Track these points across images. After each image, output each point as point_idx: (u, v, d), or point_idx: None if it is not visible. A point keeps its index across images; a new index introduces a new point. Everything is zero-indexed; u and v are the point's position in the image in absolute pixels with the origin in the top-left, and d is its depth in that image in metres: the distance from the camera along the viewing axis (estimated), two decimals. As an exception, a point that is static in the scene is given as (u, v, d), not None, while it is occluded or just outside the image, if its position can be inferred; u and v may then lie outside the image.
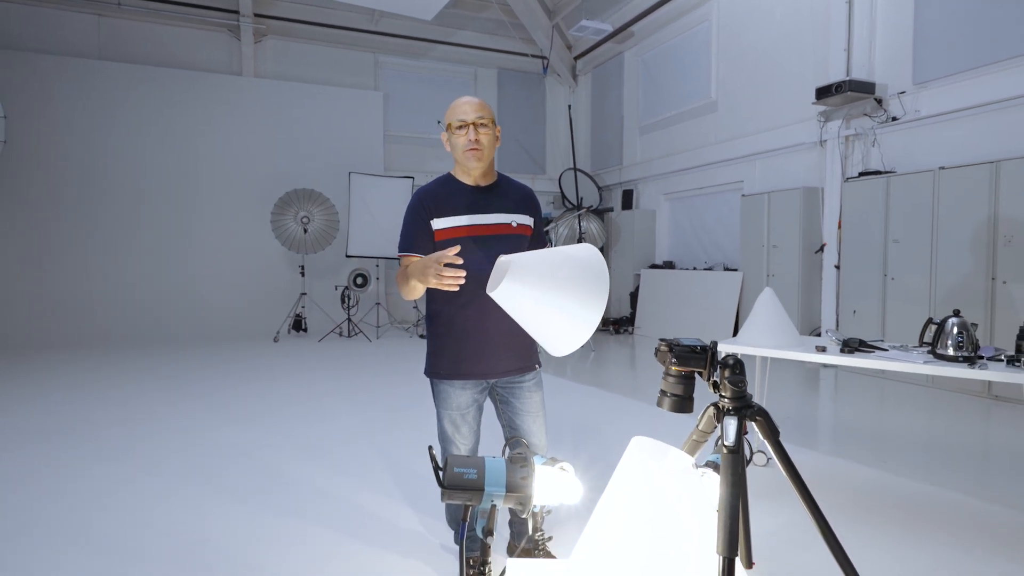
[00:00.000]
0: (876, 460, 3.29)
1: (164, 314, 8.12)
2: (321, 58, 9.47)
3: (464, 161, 1.82)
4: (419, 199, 1.86)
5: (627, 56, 9.72)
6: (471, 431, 1.93)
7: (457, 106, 1.83)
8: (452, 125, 1.81)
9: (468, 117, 1.79)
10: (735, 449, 1.13)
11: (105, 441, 3.59)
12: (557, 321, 1.57)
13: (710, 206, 8.31)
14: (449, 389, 1.88)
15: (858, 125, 5.90)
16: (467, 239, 1.79)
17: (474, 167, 1.82)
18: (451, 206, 1.82)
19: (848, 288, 5.85)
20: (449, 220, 1.81)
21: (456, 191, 1.85)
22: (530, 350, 1.92)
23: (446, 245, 1.75)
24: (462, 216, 1.81)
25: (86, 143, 7.99)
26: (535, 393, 1.94)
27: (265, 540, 2.36)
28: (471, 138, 1.78)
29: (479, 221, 1.82)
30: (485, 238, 1.81)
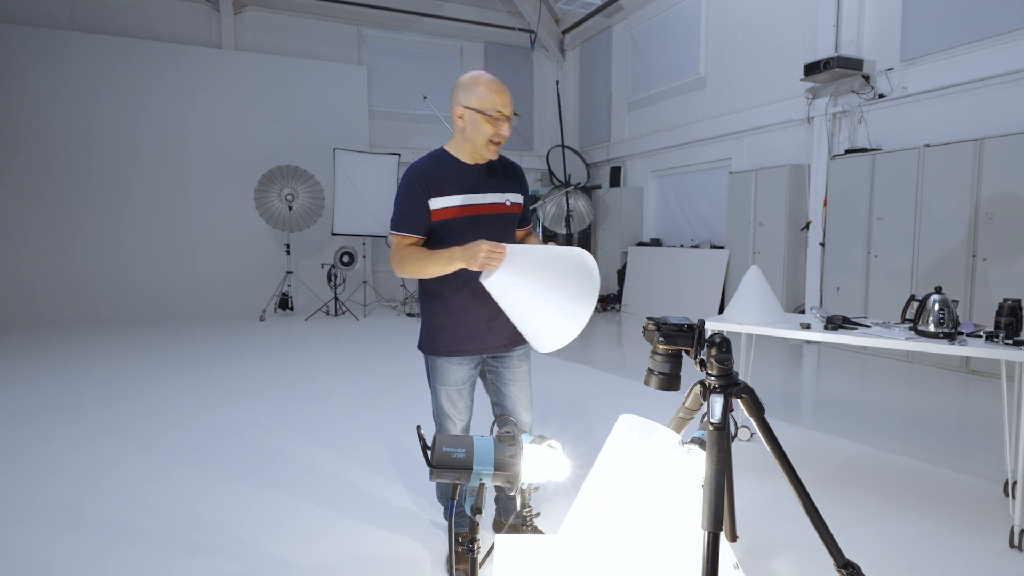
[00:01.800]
0: (857, 434, 3.36)
1: (147, 293, 8.01)
2: (303, 31, 9.25)
3: (482, 149, 1.78)
4: (416, 177, 1.79)
5: (615, 30, 9.59)
6: (466, 406, 1.96)
7: (496, 93, 1.73)
8: (485, 111, 1.71)
9: (507, 110, 1.74)
10: (721, 426, 1.14)
11: (93, 420, 3.57)
12: (543, 318, 1.63)
13: (697, 184, 8.31)
14: (447, 365, 1.89)
15: (845, 102, 5.90)
16: (465, 219, 1.79)
17: (489, 157, 1.80)
18: (449, 185, 1.79)
19: (832, 265, 5.91)
20: (447, 200, 1.78)
21: (452, 169, 1.81)
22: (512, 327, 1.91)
23: (443, 224, 1.78)
24: (459, 196, 1.79)
25: (59, 118, 7.78)
26: (523, 363, 1.99)
27: (256, 517, 2.37)
28: (503, 133, 1.75)
29: (476, 200, 1.80)
30: (481, 218, 1.81)
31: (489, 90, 1.72)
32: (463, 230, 1.77)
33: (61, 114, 7.78)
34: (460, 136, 1.80)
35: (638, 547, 1.24)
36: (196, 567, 2.01)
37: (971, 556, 2.06)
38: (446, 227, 1.79)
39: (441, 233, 1.79)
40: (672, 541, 1.24)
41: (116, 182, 8.04)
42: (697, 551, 1.16)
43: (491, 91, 1.72)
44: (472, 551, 1.11)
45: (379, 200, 8.45)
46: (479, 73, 1.78)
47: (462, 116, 1.75)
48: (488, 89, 1.73)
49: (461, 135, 1.79)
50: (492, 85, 1.74)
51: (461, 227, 1.78)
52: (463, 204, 1.79)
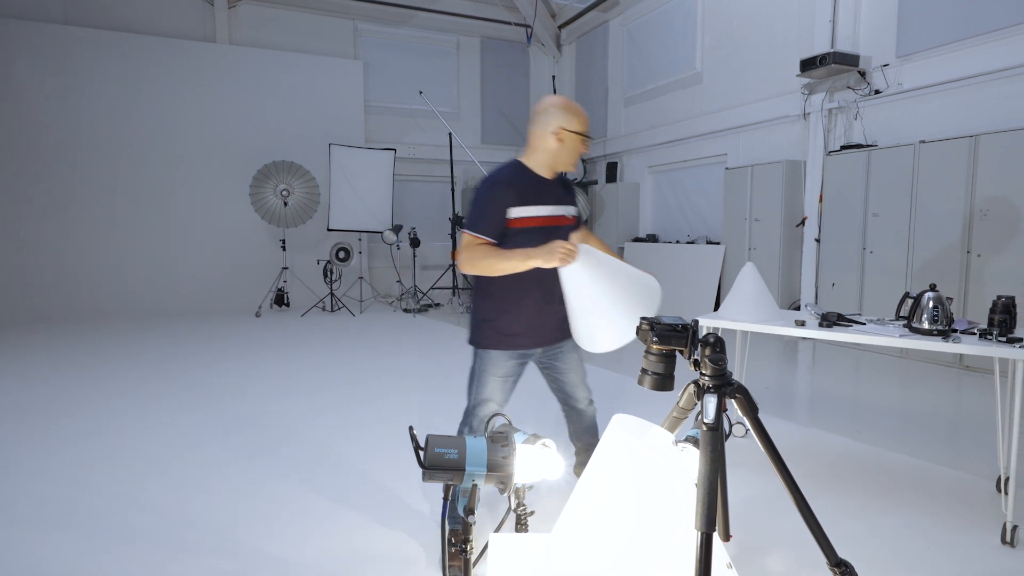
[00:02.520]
0: (851, 430, 3.37)
1: (141, 289, 7.98)
2: (298, 25, 9.18)
3: (565, 166, 2.00)
4: (500, 187, 1.94)
5: (612, 25, 9.56)
6: (507, 394, 2.10)
7: (582, 116, 1.96)
8: (578, 133, 1.94)
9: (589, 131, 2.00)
10: (715, 427, 1.14)
11: (84, 416, 3.55)
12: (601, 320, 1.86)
13: (694, 179, 8.31)
14: (500, 358, 2.03)
15: (841, 98, 5.90)
16: (540, 228, 1.95)
17: (572, 171, 2.08)
18: (530, 196, 1.95)
19: (827, 261, 5.92)
20: (527, 209, 1.94)
21: (532, 181, 1.98)
22: (565, 323, 2.07)
23: (518, 232, 1.93)
24: (539, 207, 1.96)
25: (51, 113, 7.71)
26: (573, 353, 2.19)
27: (249, 515, 2.36)
28: (584, 151, 2.01)
29: (547, 212, 1.98)
30: (553, 228, 1.99)
31: (583, 116, 1.97)
32: (535, 239, 1.90)
33: (53, 109, 7.71)
34: (545, 152, 1.96)
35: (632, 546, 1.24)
36: (189, 566, 2.00)
37: (963, 552, 2.08)
38: (522, 235, 1.93)
39: (516, 240, 1.92)
40: (666, 540, 1.24)
41: (109, 177, 7.99)
42: (690, 550, 1.16)
43: (578, 114, 1.96)
44: (465, 551, 1.11)
45: (375, 196, 8.43)
46: (569, 100, 1.99)
47: (562, 138, 1.93)
48: (583, 115, 1.97)
49: (547, 152, 1.96)
50: (579, 109, 1.98)
51: (534, 236, 1.92)
52: (542, 215, 1.96)
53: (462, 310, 8.40)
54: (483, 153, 9.85)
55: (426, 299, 8.77)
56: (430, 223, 9.80)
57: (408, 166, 9.67)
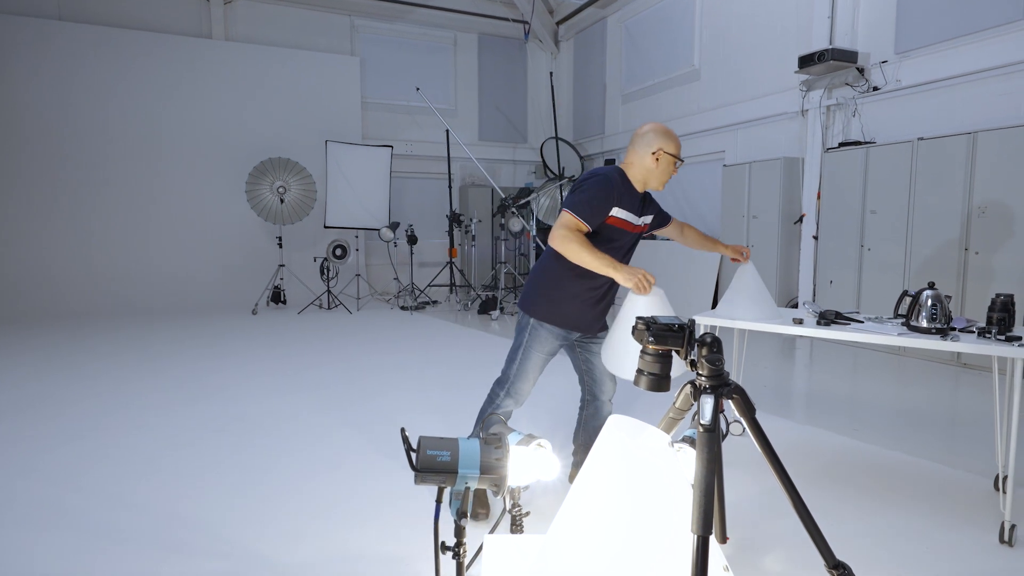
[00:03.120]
0: (848, 428, 3.36)
1: (136, 286, 7.94)
2: (295, 21, 9.14)
3: (657, 185, 2.23)
4: (613, 186, 2.15)
5: (610, 22, 9.53)
6: (541, 372, 2.35)
7: (676, 142, 2.18)
8: (673, 156, 2.16)
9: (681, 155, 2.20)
10: (711, 428, 1.12)
11: (76, 415, 3.53)
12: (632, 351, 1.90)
13: (692, 176, 8.28)
14: (548, 335, 2.27)
15: (840, 95, 5.88)
16: (623, 231, 2.22)
17: (658, 189, 2.27)
18: (627, 202, 2.19)
19: (825, 258, 5.91)
20: (623, 212, 2.18)
21: (631, 190, 2.22)
22: (604, 315, 2.36)
23: (612, 229, 2.17)
24: (629, 212, 2.21)
25: (46, 109, 7.67)
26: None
27: (241, 515, 2.34)
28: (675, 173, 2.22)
29: (635, 220, 2.25)
30: (631, 233, 2.27)
31: (672, 139, 2.18)
32: (620, 238, 2.22)
33: (48, 105, 7.66)
34: (641, 169, 2.19)
35: (628, 548, 1.23)
36: (181, 567, 1.98)
37: (961, 552, 2.07)
38: (613, 232, 2.18)
39: (607, 234, 2.18)
40: (662, 543, 1.23)
41: (103, 174, 7.94)
42: (687, 553, 1.14)
43: (673, 140, 2.18)
44: (458, 555, 1.09)
45: (372, 193, 8.40)
46: (666, 126, 2.21)
47: (659, 158, 2.16)
48: (671, 139, 2.18)
49: (643, 169, 2.19)
50: (673, 135, 2.20)
51: (621, 235, 2.22)
52: (631, 221, 2.23)
53: (459, 307, 8.38)
54: (480, 150, 9.83)
55: (423, 296, 8.75)
56: (427, 220, 9.77)
57: (405, 163, 9.64)
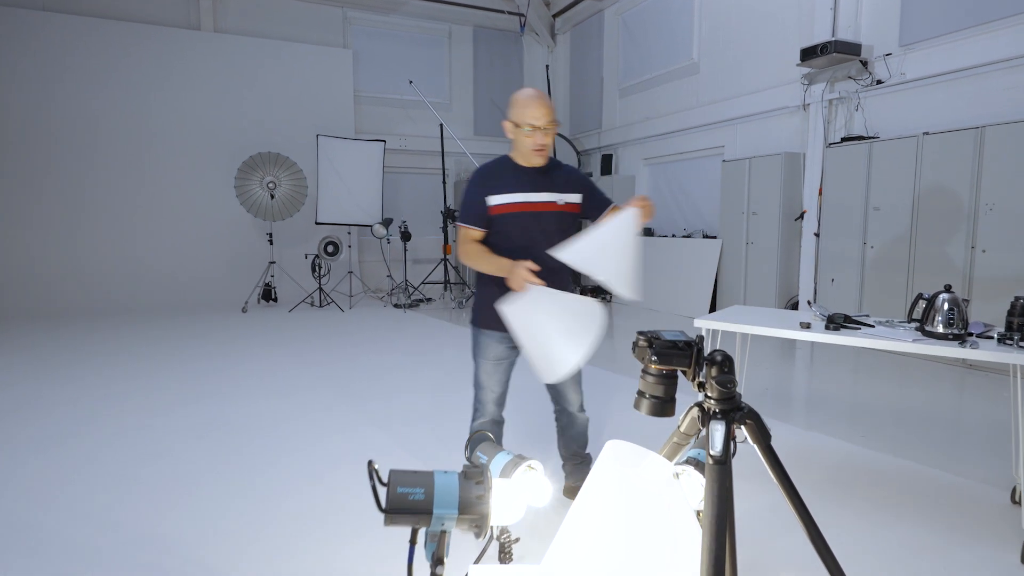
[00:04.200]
0: (854, 434, 3.24)
1: (121, 284, 7.77)
2: (286, 12, 8.94)
3: (529, 158, 2.05)
4: (479, 178, 2.10)
5: (607, 14, 9.36)
6: (500, 381, 2.20)
7: (528, 107, 1.97)
8: (521, 125, 1.98)
9: (538, 122, 1.98)
10: (723, 460, 0.99)
11: (52, 423, 3.38)
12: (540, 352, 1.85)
13: (690, 172, 8.15)
14: (487, 340, 2.14)
15: (842, 88, 5.74)
16: (520, 214, 2.07)
17: (538, 164, 2.07)
18: (506, 184, 2.07)
19: (827, 256, 5.78)
20: (502, 197, 2.06)
21: (511, 171, 2.10)
22: None
23: (502, 218, 2.06)
24: (515, 193, 2.07)
25: (29, 102, 7.47)
26: None
27: (221, 533, 2.20)
28: (539, 141, 2.00)
29: (529, 199, 2.07)
30: (533, 214, 2.07)
31: (522, 105, 1.99)
32: (520, 222, 2.06)
33: (31, 98, 7.47)
34: (514, 141, 2.08)
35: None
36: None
37: (981, 571, 1.94)
38: (506, 221, 2.06)
39: (499, 226, 2.07)
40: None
41: (88, 169, 7.76)
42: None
43: (523, 105, 1.99)
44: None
45: (364, 188, 8.24)
46: (522, 90, 2.04)
47: (510, 129, 2.04)
48: (522, 104, 2.00)
49: (514, 141, 2.08)
50: (526, 100, 2.00)
51: (519, 220, 2.06)
52: (518, 201, 2.06)
53: (454, 305, 8.24)
54: (475, 145, 9.66)
55: (417, 294, 8.60)
56: (421, 216, 9.60)
57: (398, 158, 9.47)
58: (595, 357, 5.26)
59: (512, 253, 1.99)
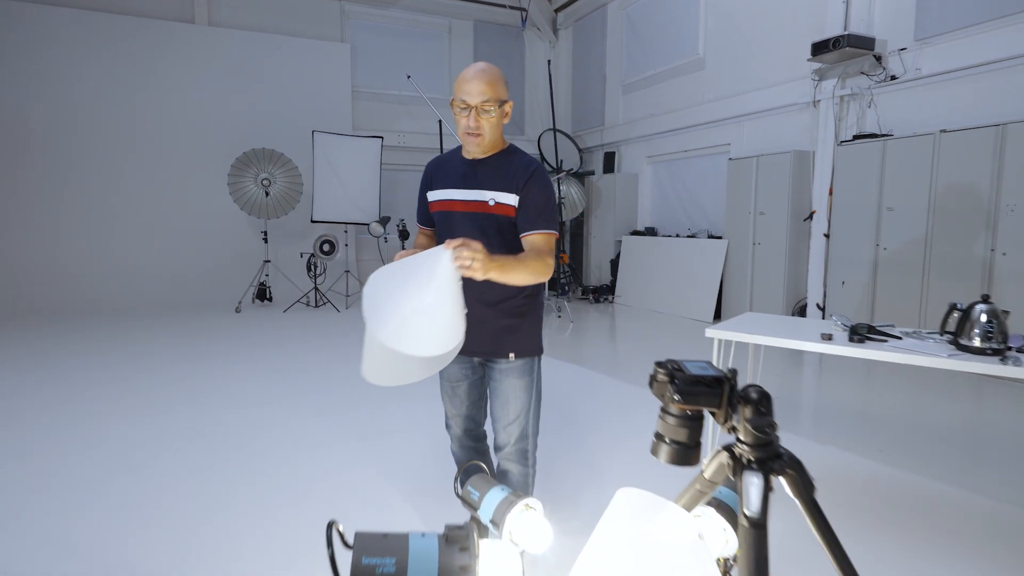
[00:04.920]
0: (874, 450, 3.05)
1: (110, 282, 7.59)
2: (282, 5, 8.74)
3: (463, 142, 1.72)
4: (426, 169, 1.87)
5: (610, 9, 9.16)
6: (461, 403, 1.89)
7: (462, 81, 1.63)
8: (455, 102, 1.65)
9: (471, 99, 1.62)
10: (760, 522, 0.81)
11: (19, 432, 3.20)
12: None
13: (695, 170, 7.96)
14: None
15: (854, 84, 5.55)
16: (448, 213, 1.77)
17: (472, 151, 1.72)
18: (443, 178, 1.80)
19: (837, 258, 5.59)
20: (438, 192, 1.80)
21: (453, 163, 1.80)
22: (501, 336, 1.77)
23: (435, 216, 1.81)
24: (450, 189, 1.77)
25: (27, 95, 7.28)
26: (507, 379, 1.79)
27: (192, 560, 2.03)
28: (471, 124, 1.64)
29: (461, 196, 1.75)
30: (462, 214, 1.75)
31: (459, 78, 1.64)
32: (445, 223, 1.77)
33: (18, 91, 7.28)
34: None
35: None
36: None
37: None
38: (437, 219, 1.82)
39: (436, 225, 1.83)
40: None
41: (77, 165, 7.57)
42: None
43: (459, 79, 1.64)
44: None
45: (361, 186, 8.04)
46: (472, 66, 1.68)
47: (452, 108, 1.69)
48: (459, 77, 1.65)
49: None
50: (464, 74, 1.64)
51: (445, 221, 1.78)
52: (449, 199, 1.77)
53: (453, 306, 8.04)
54: (476, 142, 9.45)
55: (415, 294, 8.41)
56: (420, 214, 9.41)
57: (396, 155, 9.28)
58: (597, 360, 5.03)
59: None
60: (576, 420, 3.48)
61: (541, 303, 1.84)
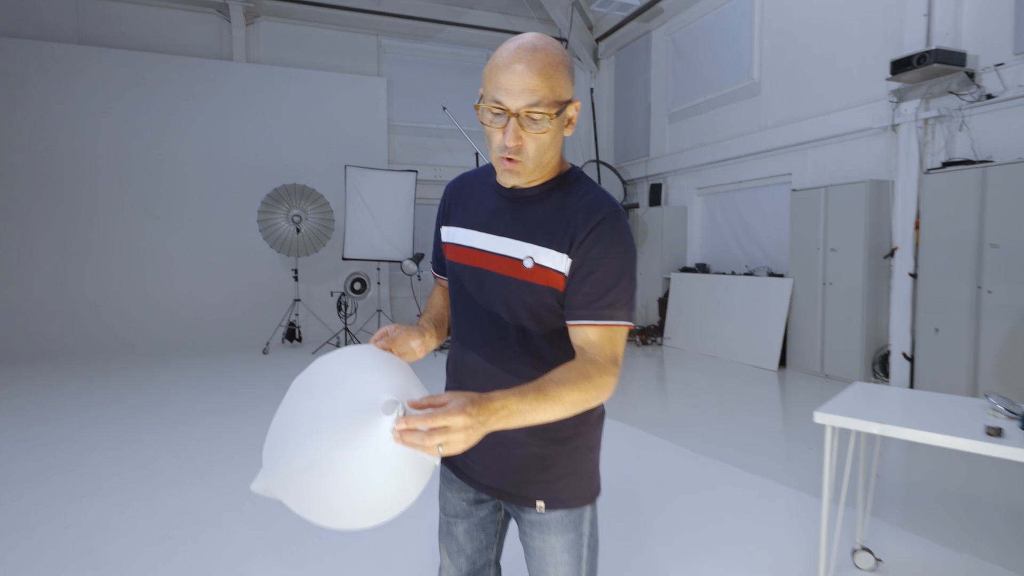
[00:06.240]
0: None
1: (138, 321, 7.40)
2: (319, 41, 8.67)
3: (496, 170, 1.05)
4: (444, 192, 1.24)
5: (655, 36, 8.76)
6: (458, 551, 1.23)
7: (498, 69, 0.96)
8: (484, 103, 0.99)
9: (511, 101, 0.95)
10: None
11: (18, 508, 2.81)
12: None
13: (751, 202, 7.35)
14: (443, 481, 1.26)
15: (941, 105, 4.91)
16: (461, 269, 1.15)
17: (506, 183, 1.05)
18: (465, 211, 1.16)
19: (928, 301, 4.88)
20: (454, 232, 1.17)
21: (482, 190, 1.16)
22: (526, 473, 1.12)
23: (449, 270, 1.18)
24: (470, 231, 1.14)
25: (62, 133, 7.30)
26: (539, 535, 1.13)
27: None
28: (507, 142, 0.98)
29: (484, 245, 1.11)
30: (480, 276, 1.11)
31: (494, 66, 0.97)
32: (460, 282, 1.15)
33: (57, 128, 7.29)
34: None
35: None
36: None
37: None
38: (450, 271, 1.19)
39: (450, 279, 1.20)
40: None
41: (107, 201, 7.48)
42: None
43: (494, 65, 0.97)
44: None
45: (394, 221, 7.72)
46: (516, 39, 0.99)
47: (481, 118, 1.02)
48: (494, 64, 0.97)
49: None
50: (501, 54, 0.97)
51: (459, 278, 1.15)
52: (458, 244, 1.16)
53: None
54: (514, 175, 9.09)
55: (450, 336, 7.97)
56: (456, 250, 9.04)
57: (432, 189, 8.98)
58: (649, 419, 4.39)
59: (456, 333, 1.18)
60: (630, 502, 2.89)
61: (598, 418, 1.16)
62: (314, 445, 0.87)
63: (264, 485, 0.92)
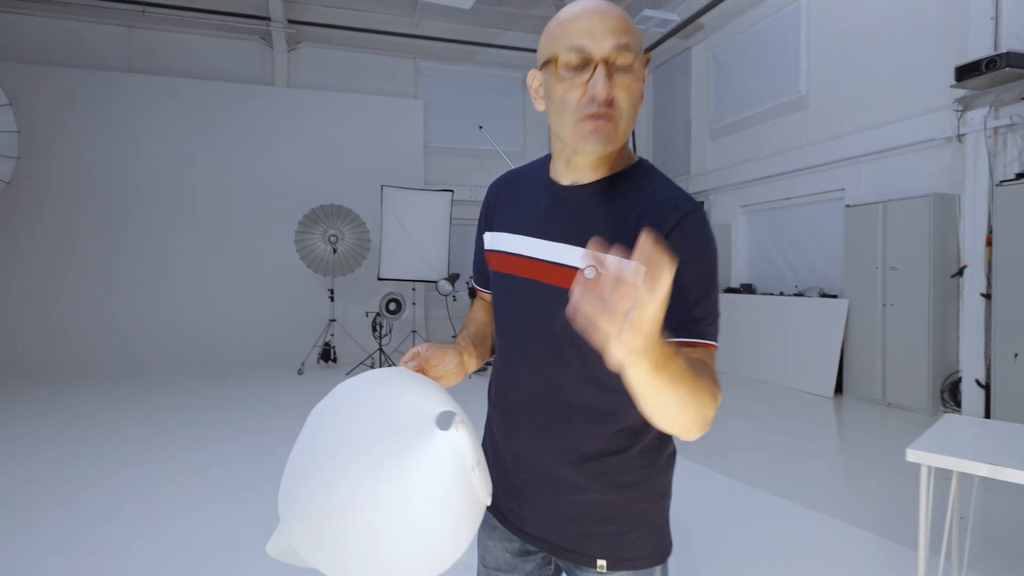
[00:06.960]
0: None
1: (177, 342, 7.46)
2: (358, 65, 8.79)
3: (577, 138, 0.83)
4: (487, 193, 1.10)
5: (695, 52, 8.58)
6: None
7: (576, 19, 0.81)
8: (559, 59, 0.81)
9: (598, 46, 0.80)
10: None
11: (43, 530, 2.74)
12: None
13: (800, 219, 7.02)
14: (484, 528, 1.06)
15: (1014, 113, 4.57)
16: (509, 280, 0.97)
17: (593, 150, 0.84)
18: (512, 213, 1.00)
19: (1003, 323, 4.48)
20: (499, 238, 1.00)
21: (533, 188, 0.99)
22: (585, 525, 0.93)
23: (494, 282, 1.03)
24: (519, 236, 0.96)
25: (112, 159, 7.51)
26: None
27: None
28: (598, 92, 0.79)
29: (538, 253, 0.92)
30: (535, 287, 0.92)
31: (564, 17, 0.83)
32: (498, 301, 1.01)
33: (107, 154, 7.50)
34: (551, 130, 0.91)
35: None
36: None
37: None
38: (493, 283, 1.04)
39: (494, 291, 1.04)
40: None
41: (145, 224, 7.60)
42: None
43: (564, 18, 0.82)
44: None
45: (430, 241, 7.66)
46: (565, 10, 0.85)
47: (538, 91, 0.89)
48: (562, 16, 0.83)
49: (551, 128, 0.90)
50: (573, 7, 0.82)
51: (498, 296, 1.01)
52: (504, 251, 0.98)
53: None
54: (550, 194, 8.96)
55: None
56: (491, 271, 8.92)
57: (468, 209, 8.91)
58: (698, 448, 4.09)
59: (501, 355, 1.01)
60: (688, 545, 2.63)
61: (668, 458, 0.95)
62: (347, 482, 0.70)
63: (283, 543, 0.75)
